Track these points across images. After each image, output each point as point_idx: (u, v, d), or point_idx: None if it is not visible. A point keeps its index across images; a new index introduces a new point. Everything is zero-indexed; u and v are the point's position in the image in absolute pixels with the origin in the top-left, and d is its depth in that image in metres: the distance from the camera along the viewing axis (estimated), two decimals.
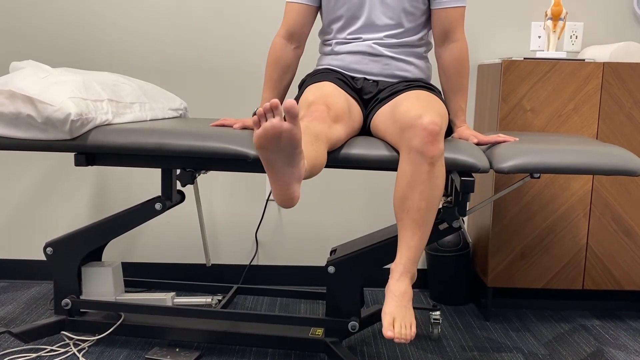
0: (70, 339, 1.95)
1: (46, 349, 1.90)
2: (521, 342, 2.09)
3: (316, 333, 1.87)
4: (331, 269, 1.79)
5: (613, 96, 2.17)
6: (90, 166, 2.27)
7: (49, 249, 1.92)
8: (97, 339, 1.97)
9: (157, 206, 1.88)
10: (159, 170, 2.53)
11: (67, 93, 1.66)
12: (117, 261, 2.03)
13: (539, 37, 2.43)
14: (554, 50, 2.25)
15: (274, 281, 2.60)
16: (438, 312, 2.08)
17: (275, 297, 2.39)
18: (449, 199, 1.79)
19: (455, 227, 1.74)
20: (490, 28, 2.47)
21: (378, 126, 1.70)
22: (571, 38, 2.44)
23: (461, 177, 1.60)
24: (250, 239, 2.58)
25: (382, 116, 1.68)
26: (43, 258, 2.58)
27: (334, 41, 1.83)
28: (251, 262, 2.59)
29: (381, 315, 1.53)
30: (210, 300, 2.18)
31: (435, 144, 1.49)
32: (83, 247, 1.92)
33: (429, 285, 2.47)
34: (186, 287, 2.23)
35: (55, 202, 2.55)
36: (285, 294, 2.20)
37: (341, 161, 1.62)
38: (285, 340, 1.84)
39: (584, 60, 2.16)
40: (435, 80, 2.40)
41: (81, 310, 1.95)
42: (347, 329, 1.79)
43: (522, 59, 2.16)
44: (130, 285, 2.24)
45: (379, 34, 1.78)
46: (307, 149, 1.42)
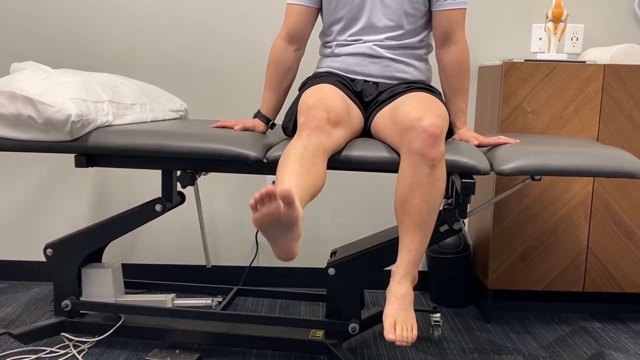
0: (70, 340, 1.95)
1: (46, 350, 1.90)
2: (522, 344, 2.09)
3: (316, 335, 1.86)
4: (331, 271, 1.79)
5: (614, 98, 2.17)
6: (90, 167, 2.28)
7: (49, 250, 1.92)
8: (97, 340, 1.97)
9: (158, 207, 1.88)
10: (159, 171, 2.52)
11: (67, 94, 1.66)
12: (117, 262, 2.02)
13: (540, 39, 2.43)
14: (555, 52, 2.25)
15: (274, 283, 2.60)
16: (438, 314, 2.07)
17: (275, 298, 2.39)
18: (449, 201, 1.79)
19: (455, 229, 1.74)
20: (491, 30, 2.47)
21: (378, 128, 1.70)
22: (572, 40, 2.44)
23: (462, 179, 1.60)
24: (250, 241, 2.58)
25: (383, 118, 1.68)
26: (43, 259, 2.58)
27: (334, 43, 1.83)
28: (251, 263, 2.59)
29: (382, 318, 1.53)
30: (210, 301, 2.18)
31: (436, 146, 1.48)
32: (83, 248, 1.91)
33: (430, 287, 2.47)
34: (186, 288, 2.23)
35: (56, 203, 2.55)
36: (286, 295, 2.20)
37: (342, 163, 1.62)
38: (285, 342, 1.84)
39: (584, 62, 2.16)
40: (436, 82, 2.40)
41: (81, 311, 1.95)
42: (347, 331, 1.79)
43: (523, 60, 2.16)
44: (130, 286, 2.24)
45: (380, 36, 1.78)
46: (305, 179, 1.42)
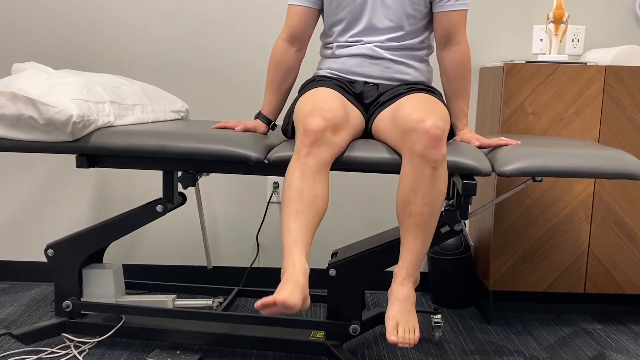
0: (71, 340, 1.95)
1: (47, 350, 1.90)
2: (522, 345, 2.08)
3: (317, 336, 1.86)
4: (332, 272, 1.79)
5: (615, 100, 2.17)
6: (91, 168, 2.28)
7: (50, 251, 1.92)
8: (98, 341, 1.97)
9: (159, 208, 1.88)
10: (160, 172, 2.52)
11: (69, 95, 1.66)
12: (118, 263, 2.02)
13: (541, 40, 2.43)
14: (556, 53, 2.25)
15: (275, 284, 2.59)
16: (439, 315, 2.07)
17: None
18: (450, 202, 1.79)
19: (457, 230, 1.74)
20: (492, 31, 2.47)
21: (380, 130, 1.69)
22: (573, 41, 2.44)
23: (463, 180, 1.60)
24: (251, 242, 2.58)
25: (384, 120, 1.68)
26: (44, 260, 2.58)
27: (335, 44, 1.83)
28: (252, 264, 2.59)
29: (384, 320, 1.53)
30: (211, 302, 2.18)
31: (437, 148, 1.48)
32: (84, 249, 1.91)
33: (431, 288, 2.47)
34: (187, 289, 2.23)
35: (57, 203, 2.55)
36: None
37: (343, 164, 1.62)
38: (286, 343, 1.84)
39: (585, 63, 2.16)
40: (437, 83, 2.40)
41: (82, 312, 1.95)
42: (348, 332, 1.79)
43: (524, 62, 2.15)
44: (131, 287, 2.24)
45: (381, 37, 1.78)
46: (308, 215, 1.51)
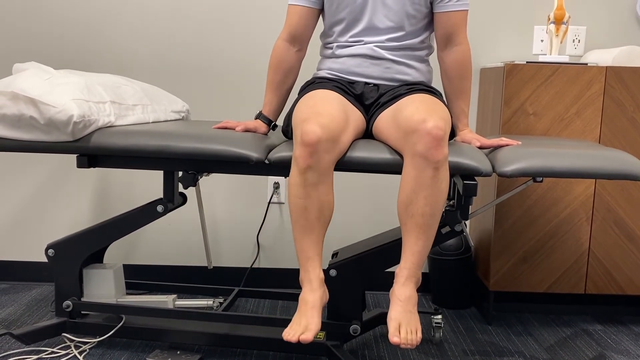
0: (71, 341, 1.95)
1: (47, 350, 1.90)
2: (523, 346, 2.08)
3: (317, 336, 1.86)
4: (333, 272, 1.79)
5: (615, 100, 2.17)
6: (92, 168, 2.28)
7: (50, 251, 1.92)
8: (98, 341, 1.97)
9: (159, 208, 1.88)
10: (161, 172, 2.52)
11: (69, 95, 1.66)
12: (118, 263, 2.02)
13: (542, 41, 2.43)
14: (557, 54, 2.25)
15: (275, 284, 2.59)
16: (440, 316, 2.07)
17: (276, 300, 2.39)
18: (451, 202, 1.79)
19: (457, 231, 1.73)
20: (493, 32, 2.47)
21: (381, 130, 1.69)
22: (574, 42, 2.44)
23: (464, 181, 1.60)
24: (251, 242, 2.58)
25: (385, 120, 1.68)
26: (44, 260, 2.58)
27: (335, 44, 1.83)
28: (252, 264, 2.59)
29: (387, 321, 1.53)
30: (211, 302, 2.18)
31: (439, 149, 1.48)
32: (84, 249, 1.91)
33: (431, 288, 2.46)
34: (187, 289, 2.23)
35: (57, 203, 2.55)
36: (287, 296, 2.19)
37: (344, 164, 1.62)
38: (287, 344, 1.84)
39: (586, 64, 2.16)
40: (437, 84, 2.40)
41: (82, 312, 1.95)
42: (348, 333, 1.79)
43: (525, 62, 2.15)
44: (132, 287, 2.23)
45: (381, 37, 1.78)
46: (316, 226, 1.57)
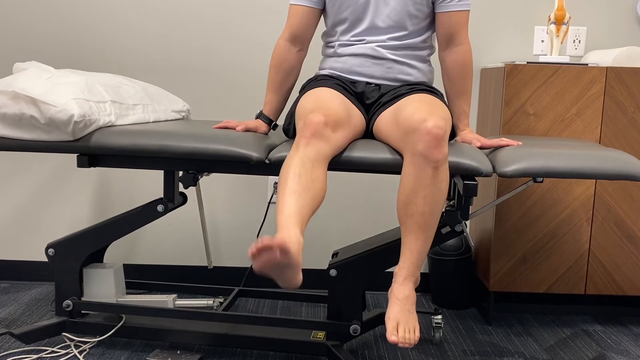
0: (71, 340, 1.95)
1: (47, 350, 1.90)
2: (523, 346, 2.08)
3: (317, 336, 1.86)
4: (333, 272, 1.79)
5: (616, 101, 2.17)
6: (92, 167, 2.28)
7: (50, 250, 1.92)
8: (98, 340, 1.97)
9: (159, 208, 1.88)
10: (161, 172, 2.53)
11: (70, 94, 1.66)
12: (118, 263, 2.03)
13: (542, 41, 2.43)
14: (557, 54, 2.25)
15: (275, 284, 2.59)
16: (440, 316, 2.07)
17: (276, 299, 2.39)
18: (451, 202, 1.79)
19: (457, 231, 1.74)
20: (494, 32, 2.47)
21: (381, 130, 1.69)
22: (574, 42, 2.44)
23: (464, 181, 1.60)
24: (251, 242, 2.58)
25: (385, 120, 1.68)
26: (45, 259, 2.58)
27: (337, 43, 1.83)
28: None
29: (385, 320, 1.53)
30: (211, 302, 2.18)
31: (439, 148, 1.48)
32: (85, 248, 1.91)
33: (431, 289, 2.46)
34: (188, 289, 2.23)
35: (58, 203, 2.55)
36: (287, 296, 2.19)
37: (343, 164, 1.62)
38: (287, 343, 1.84)
39: (587, 64, 2.16)
40: (438, 84, 2.40)
41: (82, 311, 1.95)
42: (348, 333, 1.79)
43: (525, 63, 2.16)
44: (132, 287, 2.23)
45: (383, 37, 1.78)
46: (304, 199, 1.45)
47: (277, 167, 1.72)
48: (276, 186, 2.52)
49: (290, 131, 1.81)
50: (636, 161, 1.62)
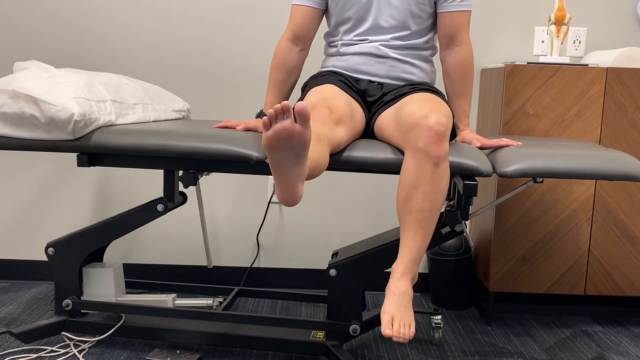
0: (71, 339, 1.94)
1: (46, 349, 1.90)
2: (522, 347, 2.08)
3: (317, 336, 1.86)
4: (332, 272, 1.79)
5: (616, 101, 2.17)
6: (92, 167, 2.28)
7: (50, 250, 1.92)
8: (98, 340, 1.97)
9: (159, 207, 1.88)
10: (161, 171, 2.52)
11: (70, 93, 1.66)
12: (118, 262, 2.02)
13: (543, 41, 2.43)
14: (557, 55, 2.25)
15: (275, 284, 2.59)
16: (439, 316, 2.07)
17: (276, 299, 2.39)
18: (451, 202, 1.79)
19: (457, 231, 1.74)
20: (494, 32, 2.47)
21: (382, 128, 1.70)
22: (574, 43, 2.44)
23: (464, 181, 1.60)
24: (251, 241, 2.58)
25: (387, 118, 1.68)
26: (44, 258, 2.58)
27: (340, 42, 1.84)
28: (252, 264, 2.59)
29: (380, 314, 1.52)
30: (211, 302, 2.18)
31: (440, 144, 1.48)
32: (84, 247, 1.91)
33: (431, 289, 2.46)
34: (187, 288, 2.23)
35: (57, 202, 2.55)
36: (287, 296, 2.19)
37: (343, 163, 1.62)
38: (286, 343, 1.84)
39: (587, 65, 2.16)
40: (440, 84, 2.40)
41: (82, 311, 1.95)
42: (348, 332, 1.79)
43: (526, 63, 2.16)
44: (132, 286, 2.23)
45: (386, 36, 1.79)
46: (310, 149, 1.42)
47: None
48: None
49: None
50: (636, 162, 1.62)
